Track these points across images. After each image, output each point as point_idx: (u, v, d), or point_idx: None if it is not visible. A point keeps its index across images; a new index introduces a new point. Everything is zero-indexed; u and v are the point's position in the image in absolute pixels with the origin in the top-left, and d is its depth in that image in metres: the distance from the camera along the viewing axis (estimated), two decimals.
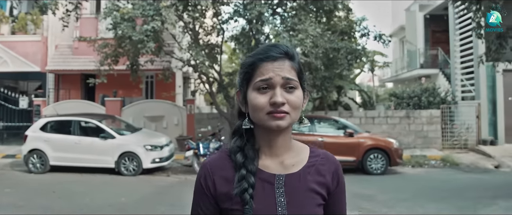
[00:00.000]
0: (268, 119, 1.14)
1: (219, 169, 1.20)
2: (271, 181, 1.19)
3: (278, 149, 1.21)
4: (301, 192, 1.20)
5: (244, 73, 1.20)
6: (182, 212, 6.72)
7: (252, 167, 1.17)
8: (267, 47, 1.20)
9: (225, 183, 1.17)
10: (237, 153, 1.19)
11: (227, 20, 10.96)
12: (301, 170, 1.22)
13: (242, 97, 1.23)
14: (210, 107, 18.94)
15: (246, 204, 1.13)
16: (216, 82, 12.39)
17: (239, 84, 1.24)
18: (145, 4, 9.24)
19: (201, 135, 13.08)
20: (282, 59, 1.18)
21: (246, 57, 1.25)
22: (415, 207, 6.87)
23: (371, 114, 14.69)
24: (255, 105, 1.15)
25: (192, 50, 10.27)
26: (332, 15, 11.32)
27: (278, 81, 1.15)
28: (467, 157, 12.95)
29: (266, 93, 1.15)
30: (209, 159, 1.24)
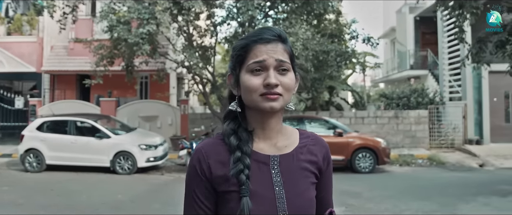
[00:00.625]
0: (262, 101, 1.16)
1: (214, 153, 1.20)
2: (266, 162, 1.21)
3: (271, 131, 1.24)
4: (295, 171, 1.23)
5: (237, 56, 1.21)
6: (176, 210, 7.02)
7: (247, 148, 1.18)
8: (260, 30, 1.22)
9: (221, 166, 1.18)
10: (231, 136, 1.21)
11: (220, 23, 11.25)
12: (293, 150, 1.25)
13: (234, 80, 1.24)
14: (203, 107, 19.24)
15: (242, 185, 1.14)
16: (210, 83, 12.68)
17: (231, 67, 1.25)
18: (140, 8, 9.50)
19: (194, 134, 13.35)
20: (275, 42, 1.19)
21: (238, 40, 1.25)
22: (399, 203, 7.20)
23: (360, 114, 15.05)
24: (248, 86, 1.16)
25: (186, 52, 10.55)
26: (322, 18, 11.65)
27: (271, 63, 1.16)
28: (453, 156, 13.35)
29: (260, 75, 1.16)
30: (202, 144, 1.24)
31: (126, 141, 11.18)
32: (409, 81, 19.07)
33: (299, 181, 1.22)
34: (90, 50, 12.22)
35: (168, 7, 9.08)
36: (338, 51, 11.04)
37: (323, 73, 11.71)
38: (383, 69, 26.49)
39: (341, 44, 11.69)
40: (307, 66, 10.37)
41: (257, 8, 9.40)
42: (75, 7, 10.14)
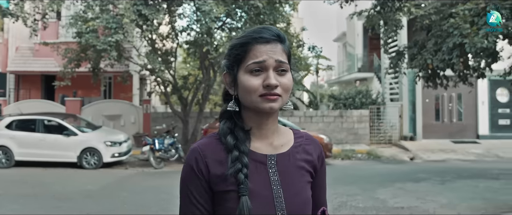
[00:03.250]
0: (261, 101, 1.15)
1: (211, 152, 1.19)
2: (263, 161, 1.21)
3: (268, 131, 1.23)
4: (292, 170, 1.23)
5: (235, 55, 1.19)
6: (141, 197, 8.16)
7: (244, 147, 1.18)
8: (259, 29, 1.20)
9: (219, 165, 1.17)
10: (228, 135, 1.19)
11: (181, 31, 12.40)
12: (290, 149, 1.26)
13: (231, 79, 1.22)
14: (164, 107, 20.24)
15: (241, 184, 1.13)
16: (171, 84, 13.76)
17: (227, 66, 1.22)
18: (108, 17, 10.49)
19: (156, 132, 14.35)
20: (275, 42, 1.18)
21: (236, 38, 1.24)
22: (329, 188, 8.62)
23: (309, 114, 16.59)
24: (247, 87, 1.15)
25: (149, 57, 11.63)
26: None
27: (271, 64, 1.15)
28: (389, 150, 15.08)
29: (259, 75, 1.15)
30: (198, 143, 1.23)
31: (92, 138, 12.09)
32: (355, 83, 20.83)
33: (296, 180, 1.23)
34: (58, 53, 13.03)
35: (134, 19, 10.13)
36: None
37: None
38: (336, 70, 28.34)
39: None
40: None
41: (214, 21, 10.60)
42: (45, 14, 10.96)
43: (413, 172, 11.06)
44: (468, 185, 9.09)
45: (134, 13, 10.12)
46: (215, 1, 10.85)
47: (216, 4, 10.79)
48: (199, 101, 14.41)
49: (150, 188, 9.06)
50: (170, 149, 12.24)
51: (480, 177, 10.00)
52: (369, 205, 7.31)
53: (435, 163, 12.96)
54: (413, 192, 8.40)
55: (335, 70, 28.38)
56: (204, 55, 12.37)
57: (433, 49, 8.01)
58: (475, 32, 6.64)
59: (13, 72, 17.47)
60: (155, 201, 7.79)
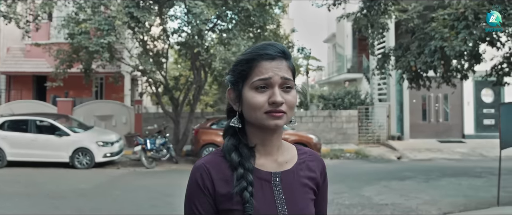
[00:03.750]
0: (267, 118, 1.15)
1: (216, 170, 1.19)
2: (268, 179, 1.20)
3: (272, 147, 1.23)
4: (296, 188, 1.23)
5: (240, 71, 1.19)
6: (133, 195, 8.35)
7: (249, 165, 1.17)
8: (264, 46, 1.20)
9: (224, 183, 1.17)
10: (232, 152, 1.19)
11: (172, 33, 12.60)
12: (294, 166, 1.25)
13: (236, 95, 1.22)
14: (156, 107, 20.38)
15: (246, 202, 1.13)
16: (162, 85, 13.94)
17: (232, 82, 1.22)
18: (100, 19, 10.66)
19: (148, 132, 14.52)
20: (280, 59, 1.18)
21: (241, 54, 1.24)
22: None
23: (299, 114, 16.86)
24: (253, 104, 1.15)
25: (141, 59, 11.81)
26: (263, 30, 13.24)
27: (276, 81, 1.15)
28: (377, 150, 15.40)
29: (264, 92, 1.15)
30: (204, 160, 1.23)
31: (84, 138, 12.23)
32: (345, 84, 21.16)
33: (300, 198, 1.23)
34: (50, 54, 13.14)
35: (126, 21, 10.31)
36: None
37: None
38: (326, 71, 28.68)
39: None
40: None
41: (204, 23, 10.82)
42: (38, 16, 11.10)
43: (399, 170, 11.37)
44: (451, 183, 9.42)
45: (126, 15, 10.30)
46: (205, 4, 11.06)
47: (207, 7, 11.01)
48: (190, 102, 14.60)
49: (142, 187, 9.24)
50: (162, 149, 12.41)
51: (463, 175, 10.33)
52: (355, 202, 7.58)
53: (421, 162, 13.29)
54: (398, 190, 8.69)
55: (325, 70, 28.72)
56: (195, 56, 12.56)
57: (416, 52, 8.31)
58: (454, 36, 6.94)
59: (4, 72, 17.52)
60: (148, 199, 7.98)
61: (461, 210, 7.09)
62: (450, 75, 10.11)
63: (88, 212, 7.08)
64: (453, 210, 7.03)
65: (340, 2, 10.62)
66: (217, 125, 12.86)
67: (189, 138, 13.80)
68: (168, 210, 7.18)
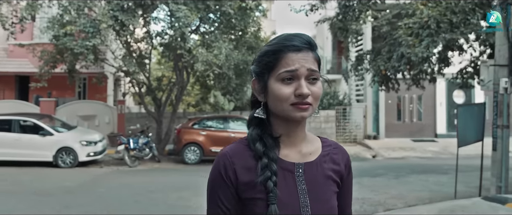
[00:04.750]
0: (293, 110, 1.15)
1: (239, 159, 1.19)
2: (291, 170, 1.21)
3: (297, 138, 1.23)
4: (319, 180, 1.23)
5: (267, 62, 1.19)
6: (117, 193, 8.70)
7: (273, 155, 1.18)
8: (290, 37, 1.19)
9: (247, 172, 1.17)
10: (257, 142, 1.19)
11: (156, 36, 12.96)
12: (317, 158, 1.25)
13: (261, 86, 1.21)
14: (138, 107, 20.65)
15: (270, 192, 1.13)
16: (145, 85, 14.27)
17: (257, 73, 1.22)
18: (85, 22, 10.95)
19: (130, 132, 14.79)
20: (306, 50, 1.18)
21: (267, 45, 1.23)
22: None
23: None
24: (279, 95, 1.15)
25: (125, 60, 12.14)
26: (244, 33, 13.70)
27: (303, 73, 1.15)
28: (354, 149, 16.00)
29: (291, 84, 1.15)
30: (227, 149, 1.23)
31: (68, 138, 12.47)
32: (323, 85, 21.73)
33: (322, 190, 1.22)
34: (34, 55, 13.35)
35: (111, 24, 10.63)
36: None
37: (244, 79, 13.82)
38: None
39: None
40: (229, 74, 12.39)
41: (187, 27, 11.22)
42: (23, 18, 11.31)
43: (373, 168, 11.96)
44: (419, 179, 10.03)
45: (111, 18, 10.61)
46: (188, 8, 11.44)
47: (190, 10, 11.39)
48: (173, 102, 14.95)
49: (125, 185, 9.60)
50: (144, 148, 12.75)
51: (431, 172, 10.97)
52: None
53: (394, 160, 13.94)
54: (369, 186, 9.24)
55: None
56: (178, 58, 12.92)
57: (386, 57, 8.89)
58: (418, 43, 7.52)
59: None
60: (131, 195, 8.35)
61: (425, 203, 7.67)
62: (420, 77, 10.74)
63: (76, 208, 7.42)
64: (417, 204, 7.60)
65: (317, 8, 11.13)
66: (199, 125, 13.25)
67: (172, 138, 14.16)
68: (151, 206, 7.56)
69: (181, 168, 12.26)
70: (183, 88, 14.36)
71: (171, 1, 11.32)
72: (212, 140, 12.83)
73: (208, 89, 17.95)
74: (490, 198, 6.65)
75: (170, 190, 8.79)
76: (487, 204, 6.29)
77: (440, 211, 6.16)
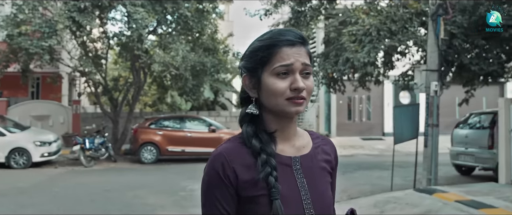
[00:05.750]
0: (288, 105, 1.16)
1: (237, 157, 1.17)
2: (289, 164, 1.21)
3: (289, 133, 1.23)
4: (316, 171, 1.25)
5: (261, 57, 1.18)
6: (73, 192, 8.82)
7: (270, 150, 1.17)
8: (284, 31, 1.20)
9: (247, 170, 1.16)
10: (253, 138, 1.18)
11: (113, 37, 13.04)
12: (311, 151, 1.27)
13: (254, 81, 1.20)
14: (94, 107, 20.46)
15: (272, 187, 1.13)
16: (102, 85, 14.29)
17: (249, 68, 1.20)
18: (41, 22, 10.90)
19: (86, 132, 14.75)
20: (300, 45, 1.18)
21: (258, 41, 1.22)
22: None
23: (235, 114, 17.83)
24: (274, 90, 1.15)
25: (81, 61, 12.16)
26: (201, 34, 14.02)
27: (298, 67, 1.15)
28: None
29: (286, 78, 1.15)
30: (222, 147, 1.21)
31: (21, 138, 12.32)
32: None
33: (319, 181, 1.24)
34: None
35: (67, 25, 10.66)
36: (212, 62, 13.59)
37: (200, 80, 14.16)
38: None
39: (216, 57, 14.25)
40: (186, 75, 12.70)
41: (144, 28, 11.42)
42: None
43: None
44: (364, 175, 10.77)
45: (68, 19, 10.64)
46: (146, 10, 11.62)
47: (147, 12, 11.58)
48: (129, 102, 15.03)
49: (81, 184, 9.70)
50: (100, 148, 12.80)
51: (376, 168, 11.76)
52: None
53: (344, 157, 14.65)
54: None
55: None
56: (135, 58, 13.06)
57: (333, 61, 9.54)
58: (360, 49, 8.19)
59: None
60: (87, 194, 8.51)
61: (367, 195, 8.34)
62: (366, 79, 11.51)
63: (31, 207, 7.51)
64: (359, 196, 8.26)
65: (270, 12, 11.64)
66: (155, 125, 13.45)
67: (128, 137, 14.26)
68: (108, 204, 7.77)
69: (137, 168, 12.43)
70: (140, 88, 14.49)
71: (128, 2, 11.48)
72: (169, 140, 13.07)
73: (165, 89, 18.11)
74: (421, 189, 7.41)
75: (127, 189, 9.00)
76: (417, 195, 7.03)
77: (377, 202, 6.83)
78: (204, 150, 13.15)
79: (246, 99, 1.25)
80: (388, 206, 6.55)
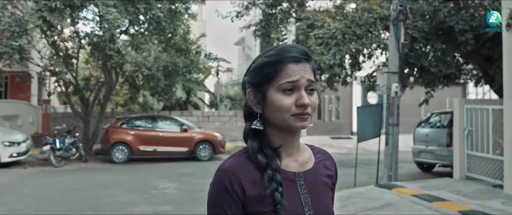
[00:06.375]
0: (294, 120, 1.18)
1: (244, 173, 1.18)
2: (293, 179, 1.22)
3: (293, 148, 1.26)
4: (319, 187, 1.27)
5: (266, 73, 1.20)
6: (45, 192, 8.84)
7: (276, 165, 1.19)
8: (289, 48, 1.23)
9: (254, 186, 1.17)
10: (258, 154, 1.19)
11: (84, 37, 13.02)
12: (313, 166, 1.29)
13: (259, 97, 1.22)
14: (64, 107, 20.23)
15: (278, 203, 1.14)
16: (72, 85, 14.23)
17: (254, 84, 1.23)
18: (10, 21, 10.81)
19: (56, 132, 14.63)
20: (305, 61, 1.20)
21: (263, 57, 1.24)
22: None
23: (206, 114, 18.05)
24: (280, 106, 1.17)
25: (52, 60, 12.10)
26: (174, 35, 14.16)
27: (303, 83, 1.18)
28: None
29: (291, 94, 1.17)
30: (229, 163, 1.22)
31: None
32: None
33: (322, 196, 1.27)
34: None
35: (38, 24, 10.61)
36: (184, 63, 13.76)
37: (173, 80, 14.31)
38: (236, 72, 30.18)
39: (188, 57, 14.43)
40: (158, 75, 12.83)
41: (116, 29, 11.49)
42: None
43: None
44: None
45: (39, 18, 10.60)
46: (118, 10, 11.67)
47: (119, 13, 11.63)
48: (101, 102, 15.00)
49: (52, 184, 9.70)
50: (71, 148, 12.76)
51: (343, 166, 12.11)
52: None
53: None
54: None
55: (235, 72, 30.22)
56: (107, 58, 13.07)
57: None
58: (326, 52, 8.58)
59: None
60: (59, 194, 8.55)
61: None
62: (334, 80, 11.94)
63: (0, 206, 7.53)
64: None
65: (242, 14, 11.92)
66: (127, 124, 13.50)
67: (99, 137, 14.25)
68: (79, 203, 7.86)
69: (108, 167, 12.47)
70: (112, 88, 14.50)
71: (100, 2, 11.52)
72: (140, 140, 13.16)
73: (137, 89, 18.11)
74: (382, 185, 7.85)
75: (98, 188, 9.09)
76: (378, 190, 7.46)
77: (340, 197, 7.20)
78: (176, 150, 13.34)
79: (249, 115, 1.27)
80: (350, 200, 6.94)
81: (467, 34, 9.14)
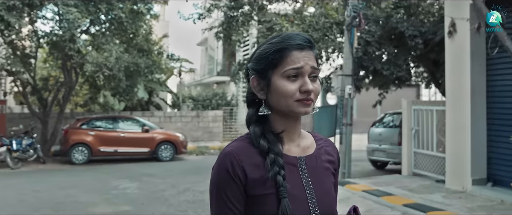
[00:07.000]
0: (297, 106, 1.21)
1: (246, 156, 1.21)
2: (295, 163, 1.25)
3: (295, 134, 1.28)
4: (320, 171, 1.29)
5: (271, 60, 1.22)
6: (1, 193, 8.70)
7: (278, 150, 1.21)
8: (294, 36, 1.25)
9: (255, 169, 1.20)
10: (260, 139, 1.22)
11: (43, 36, 12.79)
12: (315, 151, 1.31)
13: (263, 83, 1.24)
14: (21, 107, 19.67)
15: (280, 186, 1.17)
16: (30, 85, 13.93)
17: (259, 70, 1.24)
18: None
19: (13, 133, 14.28)
20: (308, 49, 1.23)
21: (268, 43, 1.26)
22: (179, 178, 10.23)
23: (168, 114, 18.11)
24: (285, 92, 1.20)
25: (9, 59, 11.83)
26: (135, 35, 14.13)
27: (307, 70, 1.21)
28: None
29: (295, 81, 1.20)
30: (231, 147, 1.25)
31: None
32: (214, 86, 22.92)
33: (324, 181, 1.29)
34: None
35: None
36: (146, 63, 13.79)
37: (134, 81, 14.30)
38: (199, 73, 30.23)
39: (150, 57, 14.46)
40: (120, 76, 12.81)
41: (77, 28, 11.38)
42: None
43: None
44: None
45: None
46: (79, 10, 11.55)
47: (80, 13, 11.52)
48: (60, 102, 14.76)
49: (8, 185, 9.55)
50: (28, 149, 12.52)
51: None
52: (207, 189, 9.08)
53: None
54: None
55: (198, 72, 30.26)
56: (66, 58, 12.89)
57: None
58: None
59: None
60: (16, 195, 8.45)
61: None
62: None
63: None
64: None
65: (204, 17, 12.11)
66: (87, 125, 13.38)
67: (58, 138, 14.02)
68: (38, 204, 7.81)
69: (68, 169, 12.33)
70: (71, 88, 14.31)
71: (60, 2, 11.38)
72: (101, 140, 13.08)
73: (97, 89, 17.90)
74: None
75: (57, 189, 9.04)
76: None
77: None
78: (137, 150, 13.34)
79: (252, 101, 1.30)
80: None
81: (416, 39, 9.76)
